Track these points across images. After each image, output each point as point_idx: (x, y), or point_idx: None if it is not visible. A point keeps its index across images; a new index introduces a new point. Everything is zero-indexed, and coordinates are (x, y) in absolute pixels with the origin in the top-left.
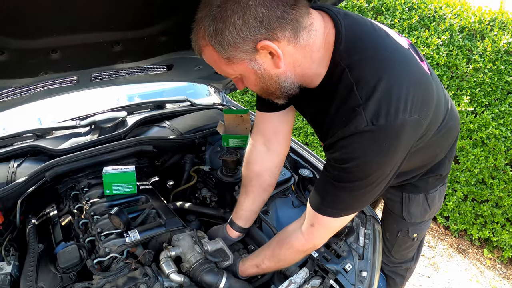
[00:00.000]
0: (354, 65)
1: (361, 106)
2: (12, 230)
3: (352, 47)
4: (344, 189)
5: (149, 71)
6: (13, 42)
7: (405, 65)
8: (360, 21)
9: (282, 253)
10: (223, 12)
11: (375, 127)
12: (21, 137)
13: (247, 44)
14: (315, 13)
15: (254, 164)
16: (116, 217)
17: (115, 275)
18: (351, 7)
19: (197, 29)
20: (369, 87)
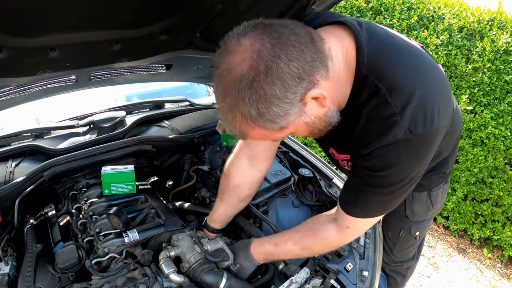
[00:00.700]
0: (383, 75)
1: (397, 115)
2: (10, 230)
3: (376, 58)
4: (376, 194)
5: (148, 70)
6: (12, 40)
7: (431, 70)
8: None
9: (313, 242)
10: (258, 90)
11: (413, 135)
12: (19, 136)
13: (296, 105)
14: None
15: (235, 176)
16: (115, 217)
17: (114, 276)
18: (349, 7)
19: (231, 118)
20: (404, 95)
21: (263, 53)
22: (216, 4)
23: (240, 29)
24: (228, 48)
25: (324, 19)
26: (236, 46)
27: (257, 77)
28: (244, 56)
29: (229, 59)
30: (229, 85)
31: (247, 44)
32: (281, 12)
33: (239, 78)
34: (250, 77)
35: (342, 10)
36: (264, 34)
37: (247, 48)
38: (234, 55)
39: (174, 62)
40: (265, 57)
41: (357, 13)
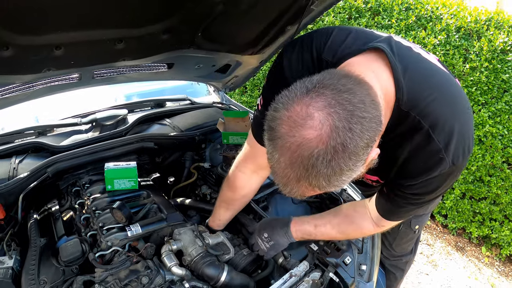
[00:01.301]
0: (424, 112)
1: (442, 151)
2: (14, 225)
3: (415, 94)
4: (414, 208)
5: (150, 69)
6: (18, 38)
7: (460, 98)
8: (405, 51)
9: (350, 229)
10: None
11: (455, 166)
12: (23, 134)
13: (359, 169)
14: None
15: (242, 189)
16: (118, 211)
17: (117, 268)
18: (348, 7)
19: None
20: (446, 132)
21: (340, 131)
22: (217, 4)
23: (302, 92)
24: (295, 119)
25: (354, 43)
26: (306, 118)
27: (336, 156)
28: (319, 132)
29: (300, 133)
30: (301, 159)
31: (320, 118)
32: (281, 12)
33: (315, 155)
34: (329, 157)
35: (341, 10)
36: (336, 107)
37: (322, 124)
38: (306, 129)
39: (175, 61)
40: (342, 135)
41: (356, 14)
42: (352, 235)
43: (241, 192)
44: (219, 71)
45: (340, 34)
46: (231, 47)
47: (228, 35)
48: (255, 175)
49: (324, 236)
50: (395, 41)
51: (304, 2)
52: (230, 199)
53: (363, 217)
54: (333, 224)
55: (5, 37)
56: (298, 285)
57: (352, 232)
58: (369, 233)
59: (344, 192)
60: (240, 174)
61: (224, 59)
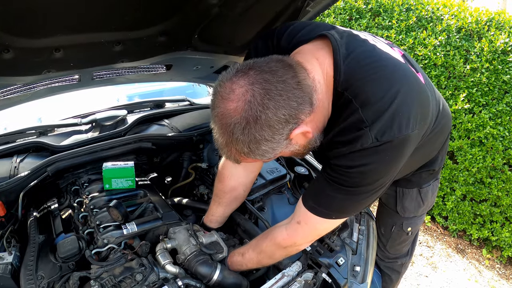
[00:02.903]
0: (357, 91)
1: (367, 127)
2: (14, 223)
3: (352, 75)
4: (342, 191)
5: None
6: (18, 41)
7: (405, 82)
8: (357, 40)
9: (264, 245)
10: (249, 135)
11: (379, 142)
12: (24, 133)
13: (282, 142)
14: (309, 57)
15: (230, 179)
16: (115, 209)
17: (112, 265)
18: (349, 8)
19: (227, 150)
20: (375, 110)
21: (253, 104)
22: (213, 6)
23: (233, 72)
24: (222, 93)
25: (309, 33)
26: (229, 93)
27: (248, 125)
28: (236, 105)
29: (224, 104)
30: (224, 127)
31: (239, 93)
32: (277, 14)
33: (232, 123)
34: (242, 125)
35: (342, 11)
36: (255, 84)
37: (239, 97)
38: (227, 102)
39: (173, 63)
40: (255, 108)
41: (356, 15)
42: (269, 252)
43: (229, 183)
44: (217, 72)
45: (298, 26)
46: (228, 48)
47: (224, 37)
48: (243, 170)
49: (251, 263)
50: (349, 32)
51: (299, 3)
52: (220, 192)
53: (278, 228)
54: (253, 246)
55: (6, 40)
56: (291, 285)
57: (268, 248)
58: (284, 242)
59: None
60: (227, 164)
61: (222, 61)
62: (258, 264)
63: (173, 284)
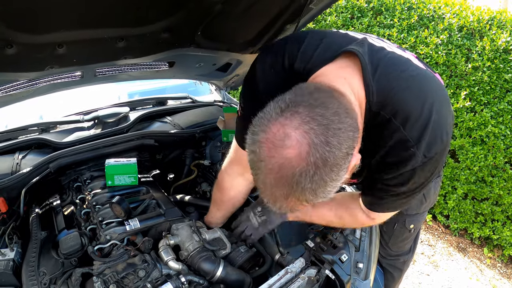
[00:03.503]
0: (394, 110)
1: (414, 146)
2: (16, 219)
3: (385, 94)
4: (395, 199)
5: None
6: (22, 36)
7: (435, 91)
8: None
9: (346, 215)
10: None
11: (427, 158)
12: (26, 130)
13: (343, 177)
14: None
15: (229, 190)
16: (118, 206)
17: (115, 261)
18: (351, 7)
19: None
20: (417, 127)
21: (318, 146)
22: (216, 4)
23: (276, 113)
24: (273, 140)
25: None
26: (284, 138)
27: (318, 170)
28: (298, 151)
29: (279, 153)
30: (284, 179)
31: (297, 137)
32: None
33: (298, 173)
34: (311, 172)
35: (343, 10)
36: (311, 122)
37: (300, 142)
38: (285, 149)
39: (176, 60)
40: (320, 150)
41: (358, 13)
42: (347, 222)
43: (229, 194)
44: (220, 69)
45: (312, 41)
46: (231, 45)
47: (227, 34)
48: (241, 178)
49: (320, 219)
50: (368, 42)
51: (302, 1)
52: (220, 200)
53: (357, 207)
54: (331, 206)
55: (9, 36)
56: (294, 281)
57: (348, 218)
58: (363, 222)
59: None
60: (227, 176)
61: (225, 58)
62: (327, 222)
63: (176, 280)
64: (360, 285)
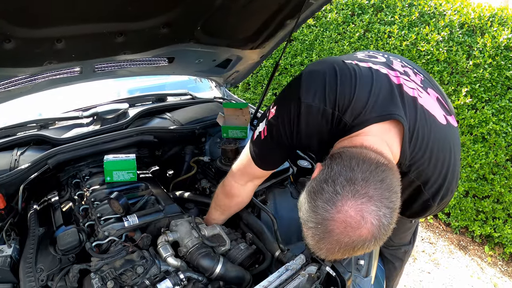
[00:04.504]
0: (419, 174)
1: (430, 200)
2: (14, 215)
3: (415, 159)
4: None
5: (151, 63)
6: (20, 31)
7: (452, 152)
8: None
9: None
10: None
11: (439, 206)
12: (25, 127)
13: None
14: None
15: (239, 197)
16: (116, 201)
17: (113, 257)
18: (351, 4)
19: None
20: (434, 187)
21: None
22: None
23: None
24: (350, 222)
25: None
26: (361, 222)
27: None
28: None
29: (356, 233)
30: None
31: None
32: (280, 6)
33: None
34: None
35: (344, 7)
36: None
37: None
38: (361, 230)
39: (176, 56)
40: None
41: (359, 10)
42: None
43: (237, 200)
44: (219, 66)
45: (360, 96)
46: (231, 41)
47: (227, 29)
48: (251, 183)
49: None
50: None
51: None
52: (226, 206)
53: None
54: None
55: (7, 30)
56: (294, 278)
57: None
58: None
59: None
60: (236, 184)
61: (225, 54)
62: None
63: (174, 277)
64: (361, 282)
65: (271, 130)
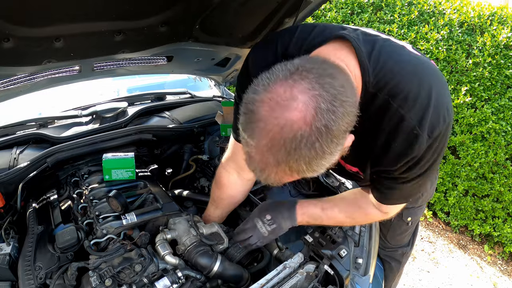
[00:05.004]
0: (392, 91)
1: (416, 127)
2: (13, 214)
3: (381, 74)
4: (406, 186)
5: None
6: (19, 30)
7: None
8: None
9: (357, 214)
10: (318, 149)
11: (431, 139)
12: (24, 125)
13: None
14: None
15: (228, 188)
16: (114, 200)
17: (111, 255)
18: (351, 2)
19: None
20: (417, 108)
21: (324, 112)
22: None
23: (284, 74)
24: (277, 100)
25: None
26: (289, 99)
27: (320, 137)
28: (304, 114)
29: (284, 114)
30: (283, 141)
31: (304, 100)
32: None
33: (299, 137)
34: (312, 138)
35: (343, 6)
36: (320, 89)
37: (306, 105)
38: (290, 111)
39: (174, 54)
40: (326, 116)
41: (358, 9)
42: (359, 220)
43: (227, 191)
44: (218, 64)
45: (304, 30)
46: (229, 40)
47: (225, 27)
48: (239, 177)
49: (331, 221)
50: (360, 30)
51: None
52: (218, 198)
53: (368, 203)
54: (341, 207)
55: (6, 29)
56: (292, 276)
57: (360, 217)
58: (376, 218)
59: (342, 185)
60: (224, 172)
61: (224, 53)
62: (339, 223)
63: (172, 275)
64: (359, 281)
65: (235, 96)
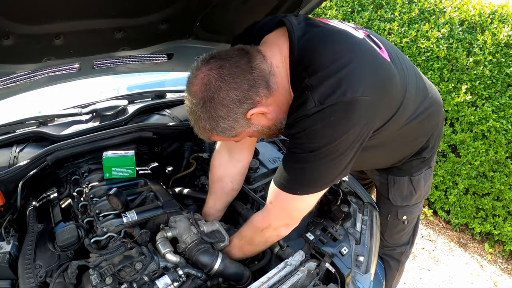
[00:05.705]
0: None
1: (309, 89)
2: (13, 212)
3: (305, 51)
4: (297, 160)
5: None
6: (19, 27)
7: (359, 54)
8: (315, 22)
9: (244, 230)
10: (207, 112)
11: (322, 106)
12: (24, 123)
13: (240, 121)
14: (269, 45)
15: (217, 169)
16: (115, 198)
17: (112, 254)
18: (351, 1)
19: (197, 129)
20: (319, 76)
21: (211, 85)
22: None
23: (200, 62)
24: (190, 79)
25: (270, 22)
26: (194, 78)
27: (205, 103)
28: (197, 87)
29: (190, 88)
30: (190, 107)
31: (200, 77)
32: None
33: (195, 103)
34: (201, 104)
35: (344, 4)
36: (212, 70)
37: (199, 81)
38: (192, 85)
39: (175, 52)
40: (213, 88)
41: (359, 7)
42: (249, 237)
43: (217, 174)
44: None
45: (267, 19)
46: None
47: (226, 25)
48: (229, 159)
49: (235, 250)
50: (309, 18)
51: None
52: (210, 181)
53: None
54: (237, 233)
55: (6, 26)
56: (293, 274)
57: (248, 232)
58: (260, 224)
59: (343, 183)
60: (216, 154)
61: None
62: (240, 251)
63: (173, 273)
64: (360, 279)
65: None
